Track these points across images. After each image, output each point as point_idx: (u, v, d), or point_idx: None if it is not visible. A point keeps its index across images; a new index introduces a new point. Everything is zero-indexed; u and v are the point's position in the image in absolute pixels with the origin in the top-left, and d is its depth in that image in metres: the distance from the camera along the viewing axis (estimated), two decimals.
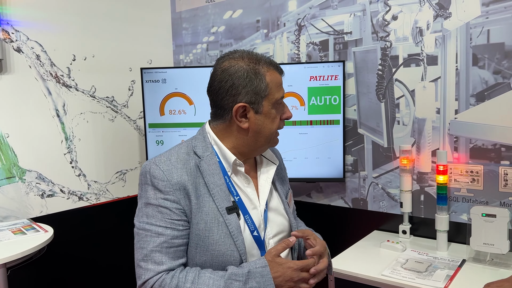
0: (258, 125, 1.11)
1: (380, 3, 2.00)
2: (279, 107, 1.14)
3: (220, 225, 1.08)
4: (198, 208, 1.08)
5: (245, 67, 1.08)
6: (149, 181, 1.08)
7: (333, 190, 2.22)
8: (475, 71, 1.79)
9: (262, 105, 1.10)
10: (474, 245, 1.65)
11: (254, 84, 1.08)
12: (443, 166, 1.79)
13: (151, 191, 1.08)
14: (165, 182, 1.07)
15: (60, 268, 2.23)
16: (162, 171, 1.07)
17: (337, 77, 2.04)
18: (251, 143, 1.13)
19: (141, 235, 1.07)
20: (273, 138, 1.16)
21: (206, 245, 1.07)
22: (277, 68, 1.13)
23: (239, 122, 1.10)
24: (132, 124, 2.57)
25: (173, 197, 1.07)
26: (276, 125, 1.14)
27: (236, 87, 1.08)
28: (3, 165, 2.01)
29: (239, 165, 1.15)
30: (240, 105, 1.08)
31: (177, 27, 2.77)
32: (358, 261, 1.72)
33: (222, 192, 1.10)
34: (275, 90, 1.11)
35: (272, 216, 1.19)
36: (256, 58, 1.11)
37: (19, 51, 2.05)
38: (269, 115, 1.11)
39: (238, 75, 1.08)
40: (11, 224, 1.89)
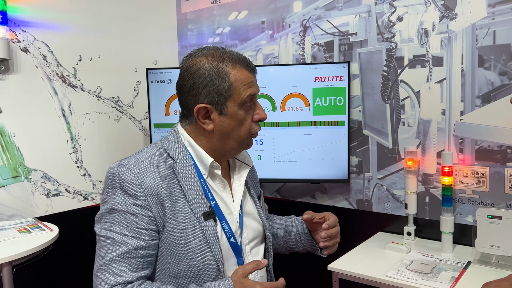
0: (224, 127, 1.04)
1: (385, 4, 2.00)
2: (249, 108, 1.06)
3: (197, 232, 1.01)
4: (172, 215, 1.00)
5: (207, 65, 1.01)
6: (118, 185, 0.99)
7: (338, 191, 2.22)
8: (481, 72, 1.79)
9: (226, 106, 1.02)
10: (480, 247, 1.64)
11: (216, 84, 1.01)
12: (449, 168, 1.78)
13: (119, 196, 0.99)
14: (137, 186, 0.98)
15: (65, 266, 2.24)
16: (134, 174, 0.99)
17: (342, 78, 2.04)
18: (220, 146, 1.07)
19: (102, 243, 1.00)
20: (245, 141, 1.08)
21: (181, 254, 1.00)
22: (246, 66, 1.04)
23: (203, 123, 1.04)
24: (137, 124, 2.58)
25: (144, 203, 0.98)
26: (247, 127, 1.06)
27: (197, 87, 1.01)
28: (9, 164, 2.02)
29: (216, 168, 1.08)
30: (201, 106, 1.01)
31: (182, 28, 2.78)
32: (363, 262, 1.72)
33: (199, 196, 1.03)
34: (242, 90, 1.02)
35: (247, 221, 1.14)
36: (221, 56, 1.03)
37: (26, 51, 2.07)
38: (235, 116, 1.03)
39: (198, 74, 1.01)
40: (17, 223, 1.90)
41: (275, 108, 2.12)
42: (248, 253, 1.13)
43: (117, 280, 0.96)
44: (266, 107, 2.12)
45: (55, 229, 1.80)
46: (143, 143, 2.60)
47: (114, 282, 0.96)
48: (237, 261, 1.08)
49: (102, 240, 1.00)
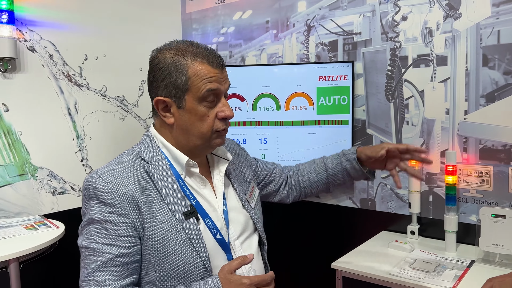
0: (184, 122, 1.03)
1: (389, 3, 2.00)
2: (213, 104, 1.04)
3: (179, 233, 0.99)
4: (151, 218, 0.99)
5: (168, 59, 1.01)
6: (93, 195, 0.99)
7: (341, 190, 2.22)
8: (485, 71, 1.79)
9: (184, 100, 1.01)
10: (483, 246, 1.65)
11: (173, 77, 1.00)
12: (452, 167, 1.79)
13: (95, 206, 0.98)
14: (111, 194, 0.97)
15: (71, 263, 2.25)
16: (106, 183, 0.98)
17: (346, 77, 2.05)
18: (183, 141, 1.06)
19: (84, 254, 1.00)
20: (210, 138, 1.06)
21: (165, 256, 0.99)
22: (209, 60, 1.03)
23: (163, 116, 1.04)
24: (142, 123, 2.60)
25: (120, 210, 0.97)
26: (208, 124, 1.04)
27: (156, 80, 1.03)
28: (16, 162, 2.04)
29: (192, 166, 1.07)
30: (159, 99, 1.02)
31: (187, 28, 2.80)
32: (366, 260, 1.73)
33: (177, 197, 1.02)
34: (200, 84, 1.01)
35: (233, 215, 1.12)
36: (184, 50, 1.02)
37: (32, 50, 2.09)
38: (194, 111, 1.02)
39: (158, 67, 1.02)
40: (24, 220, 1.93)
41: (279, 107, 2.13)
42: (239, 247, 1.11)
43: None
44: (270, 106, 2.13)
45: (61, 226, 1.82)
46: None
47: None
48: (227, 257, 1.07)
49: (84, 251, 1.00)
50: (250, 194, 1.23)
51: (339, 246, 2.00)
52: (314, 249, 2.29)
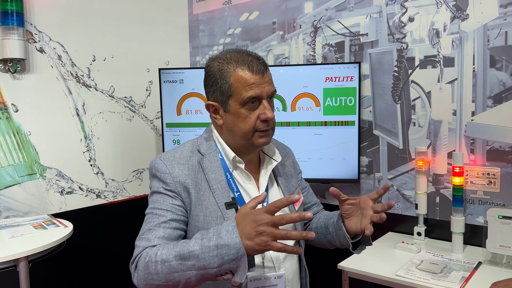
0: (229, 124, 1.13)
1: (396, 5, 2.00)
2: (254, 107, 1.11)
3: (218, 219, 1.10)
4: (197, 202, 1.12)
5: (215, 67, 1.12)
6: (154, 174, 1.15)
7: (348, 191, 2.23)
8: (492, 72, 1.78)
9: (229, 104, 1.11)
10: (491, 247, 1.64)
11: (219, 84, 1.11)
12: (459, 168, 1.78)
13: (156, 182, 1.15)
14: (167, 175, 1.12)
15: (79, 262, 2.28)
16: (165, 166, 1.14)
17: (353, 78, 2.05)
18: (230, 140, 1.17)
19: (145, 220, 1.13)
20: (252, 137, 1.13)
21: None
22: (250, 67, 1.10)
23: (214, 118, 1.16)
24: (149, 124, 2.61)
25: (174, 188, 1.12)
26: (250, 125, 1.11)
27: (207, 86, 1.15)
28: (25, 162, 2.07)
29: (238, 162, 1.17)
30: (209, 103, 1.15)
31: (194, 29, 2.81)
32: (373, 261, 1.73)
33: (222, 188, 1.13)
34: (242, 90, 1.09)
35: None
36: (229, 58, 1.11)
37: (41, 51, 2.12)
38: (237, 114, 1.11)
39: (208, 74, 1.14)
40: (32, 219, 1.95)
41: (285, 108, 2.14)
42: None
43: (146, 244, 1.07)
44: (277, 107, 2.14)
45: (69, 225, 1.83)
46: (155, 142, 2.64)
47: (144, 246, 1.07)
48: None
49: (146, 218, 1.13)
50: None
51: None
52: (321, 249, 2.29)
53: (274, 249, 0.92)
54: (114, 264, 2.43)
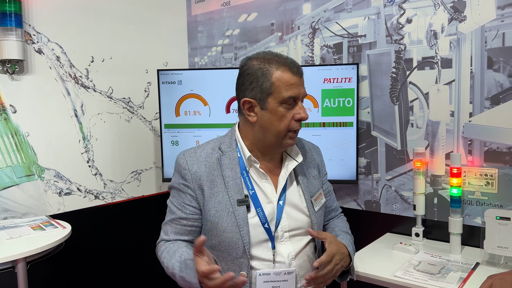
0: (265, 121, 1.18)
1: (394, 6, 2.01)
2: (290, 106, 1.17)
3: (229, 215, 1.18)
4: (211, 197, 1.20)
5: (256, 66, 1.18)
6: (176, 168, 1.28)
7: (346, 192, 2.23)
8: (490, 74, 1.79)
9: (267, 102, 1.16)
10: (488, 248, 1.65)
11: (259, 81, 1.16)
12: (457, 169, 1.79)
13: (176, 176, 1.27)
14: (186, 170, 1.23)
15: (77, 263, 2.28)
16: (186, 162, 1.24)
17: (351, 79, 2.06)
18: (261, 138, 1.21)
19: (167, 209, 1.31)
20: (284, 137, 1.19)
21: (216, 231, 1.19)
22: (291, 68, 1.16)
23: (248, 115, 1.21)
24: (148, 125, 2.61)
25: (189, 184, 1.22)
26: (285, 124, 1.17)
27: (245, 84, 1.20)
28: (23, 163, 2.07)
29: (254, 162, 1.24)
30: (245, 100, 1.19)
31: (192, 30, 2.82)
32: (371, 262, 1.73)
33: (237, 185, 1.20)
34: (282, 89, 1.15)
35: (290, 211, 1.25)
36: (269, 59, 1.17)
37: (40, 52, 2.11)
38: (275, 112, 1.16)
39: (247, 73, 1.19)
40: (31, 220, 1.94)
41: None
42: (287, 239, 1.23)
43: (164, 237, 1.28)
44: None
45: (67, 226, 1.83)
46: (154, 143, 2.64)
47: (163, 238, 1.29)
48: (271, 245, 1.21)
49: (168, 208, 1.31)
50: (316, 199, 1.34)
51: None
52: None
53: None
54: (113, 265, 2.43)
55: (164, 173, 2.35)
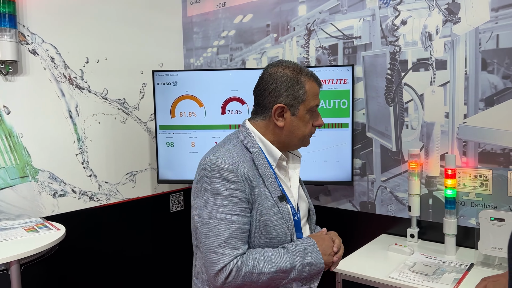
0: (293, 126, 1.25)
1: (389, 8, 2.02)
2: (313, 114, 1.28)
3: (275, 212, 1.22)
4: (260, 196, 1.21)
5: (290, 74, 1.24)
6: (217, 174, 1.18)
7: (341, 193, 2.23)
8: (484, 75, 1.80)
9: (298, 109, 1.24)
10: (483, 249, 1.65)
11: (294, 89, 1.23)
12: (452, 170, 1.80)
13: (220, 183, 1.17)
14: (234, 174, 1.17)
15: (70, 265, 2.26)
16: (230, 164, 1.18)
17: (346, 81, 2.06)
18: (285, 140, 1.27)
19: (212, 224, 1.16)
20: (305, 140, 1.30)
21: (266, 228, 1.21)
22: (317, 80, 1.28)
23: (276, 120, 1.25)
24: (143, 126, 2.60)
25: (241, 187, 1.18)
26: (309, 129, 1.28)
27: (279, 90, 1.24)
28: (17, 164, 2.05)
29: (283, 160, 1.30)
30: (279, 105, 1.23)
31: (188, 31, 2.81)
32: (366, 263, 1.73)
33: (273, 183, 1.24)
34: (311, 98, 1.25)
35: (300, 203, 1.36)
36: (300, 69, 1.26)
37: (34, 53, 2.10)
38: (303, 118, 1.25)
39: (282, 80, 1.24)
40: (24, 222, 1.93)
41: None
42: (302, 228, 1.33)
43: (236, 252, 1.15)
44: None
45: (62, 228, 1.82)
46: (149, 145, 2.63)
47: (235, 254, 1.15)
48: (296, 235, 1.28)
49: (212, 222, 1.17)
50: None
51: None
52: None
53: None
54: (108, 267, 2.42)
55: (159, 174, 2.34)
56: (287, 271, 1.18)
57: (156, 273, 2.67)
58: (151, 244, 2.61)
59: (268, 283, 1.18)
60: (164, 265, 2.71)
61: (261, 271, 1.16)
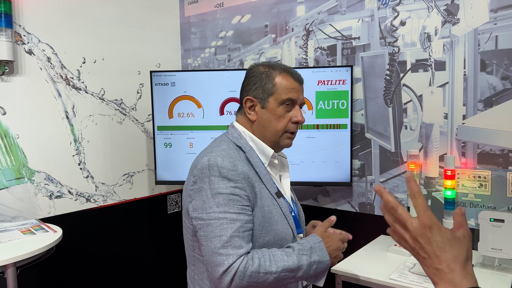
0: (264, 119, 1.25)
1: (388, 8, 2.01)
2: (289, 109, 1.26)
3: (276, 208, 1.22)
4: (260, 193, 1.20)
5: (261, 69, 1.27)
6: (217, 173, 1.15)
7: (340, 194, 2.23)
8: (483, 76, 1.80)
9: (268, 101, 1.24)
10: (482, 250, 1.65)
11: (263, 82, 1.25)
12: (451, 171, 1.79)
13: (220, 182, 1.14)
14: (233, 171, 1.15)
15: (68, 268, 2.24)
16: (229, 162, 1.16)
17: (345, 81, 2.05)
18: (259, 137, 1.27)
19: (214, 225, 1.12)
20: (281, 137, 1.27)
21: (270, 225, 1.20)
22: (293, 75, 1.27)
23: (248, 114, 1.26)
24: (140, 127, 2.59)
25: (241, 185, 1.16)
26: (283, 124, 1.25)
27: (249, 84, 1.27)
28: (13, 165, 2.03)
29: (275, 158, 1.29)
30: (247, 98, 1.26)
31: (185, 32, 2.80)
32: (366, 265, 1.72)
33: (268, 180, 1.24)
34: (282, 92, 1.24)
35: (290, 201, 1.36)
36: (274, 65, 1.28)
37: (30, 53, 2.08)
38: (274, 112, 1.24)
39: (253, 75, 1.28)
40: (20, 224, 1.91)
41: None
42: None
43: (240, 251, 1.11)
44: None
45: (58, 230, 1.80)
46: (146, 146, 2.61)
47: (239, 254, 1.10)
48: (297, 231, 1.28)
49: (213, 222, 1.13)
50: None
51: None
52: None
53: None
54: (104, 269, 2.40)
55: (157, 175, 2.32)
56: (294, 270, 1.15)
57: (153, 274, 2.65)
58: (148, 245, 2.59)
59: (275, 284, 1.14)
60: (162, 267, 2.69)
61: (267, 271, 1.11)
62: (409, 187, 0.74)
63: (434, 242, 0.69)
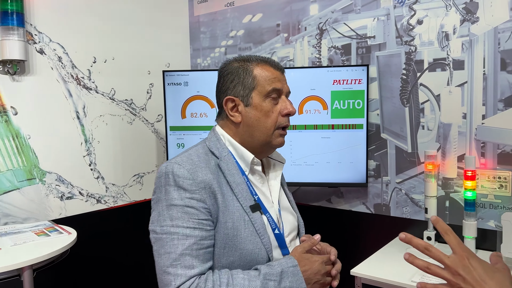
0: (250, 118, 1.11)
1: (405, 7, 1.99)
2: (275, 101, 1.13)
3: (246, 224, 1.06)
4: (225, 207, 1.05)
5: (235, 65, 1.14)
6: (172, 182, 1.03)
7: (354, 195, 2.20)
8: (503, 75, 1.78)
9: (251, 97, 1.11)
10: (505, 252, 1.62)
11: (241, 77, 1.12)
12: (471, 172, 1.77)
13: (174, 192, 1.02)
14: (191, 180, 1.02)
15: (82, 269, 2.21)
16: (187, 170, 1.03)
17: (361, 81, 2.03)
18: (248, 139, 1.13)
19: (165, 240, 0.99)
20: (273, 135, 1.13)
21: (235, 244, 1.04)
22: (271, 64, 1.15)
23: (232, 116, 1.12)
24: (150, 127, 2.56)
25: (199, 196, 1.02)
26: (272, 120, 1.11)
27: (226, 83, 1.14)
28: (24, 166, 2.00)
29: (256, 164, 1.14)
30: (227, 98, 1.12)
31: (195, 31, 2.77)
32: (385, 267, 1.70)
33: (244, 191, 1.09)
34: (265, 83, 1.11)
35: (284, 214, 1.20)
36: (248, 57, 1.15)
37: (41, 52, 2.05)
38: (260, 107, 1.11)
39: (227, 72, 1.15)
40: (33, 226, 1.88)
41: None
42: (288, 245, 1.16)
43: (191, 272, 0.98)
44: None
45: (73, 232, 1.77)
46: (156, 146, 2.58)
47: (189, 275, 0.97)
48: (281, 252, 1.12)
49: (165, 237, 1.01)
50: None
51: (354, 252, 1.97)
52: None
53: None
54: (116, 270, 2.37)
55: None
56: None
57: None
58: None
59: None
60: None
61: None
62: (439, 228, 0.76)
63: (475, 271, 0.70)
